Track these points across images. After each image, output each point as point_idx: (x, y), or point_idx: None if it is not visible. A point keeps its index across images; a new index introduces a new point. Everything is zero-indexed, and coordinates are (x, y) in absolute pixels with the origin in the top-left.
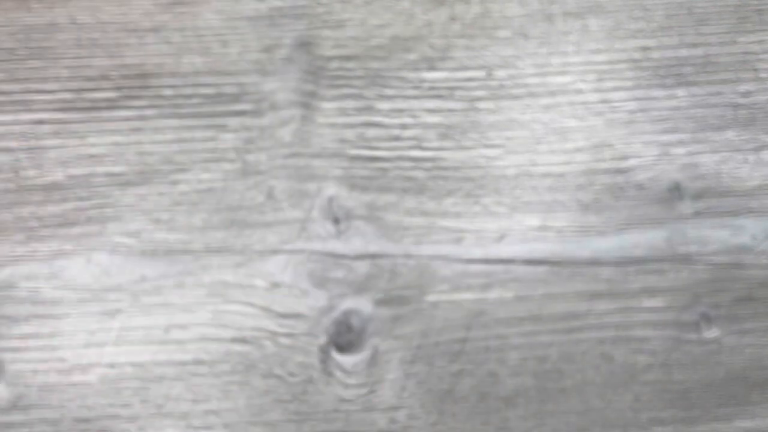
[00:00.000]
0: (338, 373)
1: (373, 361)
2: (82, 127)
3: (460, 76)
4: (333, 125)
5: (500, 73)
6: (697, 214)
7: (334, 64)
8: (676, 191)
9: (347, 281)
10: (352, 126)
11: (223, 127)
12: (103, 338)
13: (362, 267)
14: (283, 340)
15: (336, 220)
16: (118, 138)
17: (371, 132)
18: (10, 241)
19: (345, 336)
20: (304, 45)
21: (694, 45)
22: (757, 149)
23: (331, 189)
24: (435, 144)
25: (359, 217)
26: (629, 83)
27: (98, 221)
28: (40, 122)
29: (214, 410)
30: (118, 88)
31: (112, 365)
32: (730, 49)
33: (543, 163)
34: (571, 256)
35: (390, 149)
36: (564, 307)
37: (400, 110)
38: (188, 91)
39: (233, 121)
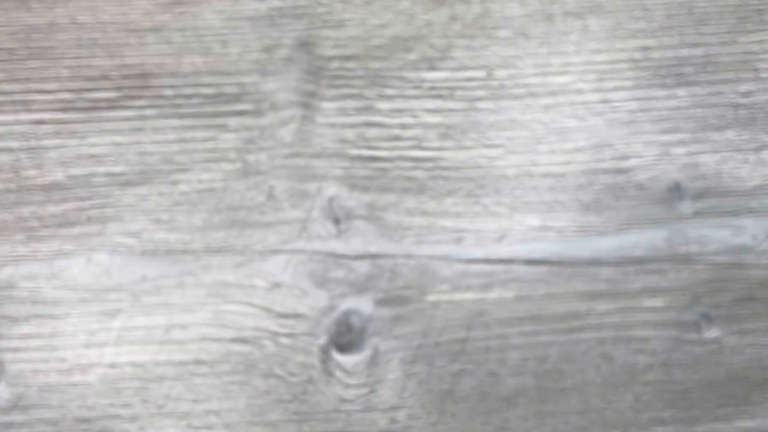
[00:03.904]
0: (339, 373)
1: (374, 361)
2: (83, 127)
3: (460, 76)
4: (333, 125)
5: (500, 73)
6: (698, 214)
7: (335, 64)
8: (676, 191)
9: (348, 281)
10: (352, 126)
11: (223, 127)
12: (104, 338)
13: (363, 267)
14: (284, 340)
15: (336, 220)
16: (119, 138)
17: (371, 132)
18: (11, 241)
19: (345, 336)
20: (305, 45)
21: (695, 45)
22: (758, 149)
23: (331, 189)
24: (435, 144)
25: (360, 217)
26: (629, 83)
27: (98, 221)
28: (41, 122)
29: (215, 410)
30: (119, 88)
31: (112, 365)
32: (731, 49)
33: (543, 163)
34: (571, 256)
35: (390, 149)
36: (564, 307)
37: (401, 110)
38: (188, 91)
39: (233, 121)
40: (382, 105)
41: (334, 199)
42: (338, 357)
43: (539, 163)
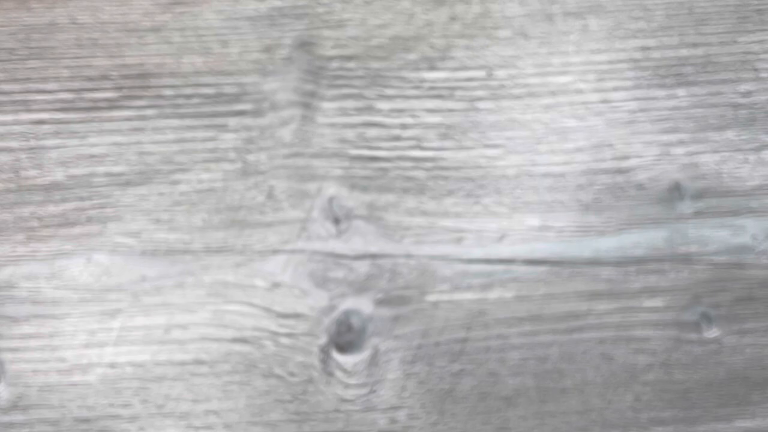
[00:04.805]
0: (338, 373)
1: (374, 361)
2: (83, 127)
3: (460, 76)
4: (333, 125)
5: (500, 73)
6: (698, 214)
7: (335, 64)
8: (676, 191)
9: (348, 281)
10: (352, 126)
11: (223, 127)
12: (104, 338)
13: (362, 267)
14: (284, 340)
15: (336, 220)
16: (119, 138)
17: (371, 132)
18: (11, 241)
19: (345, 336)
20: (305, 45)
21: (695, 45)
22: (758, 149)
23: (331, 189)
24: (435, 144)
25: (359, 217)
26: (629, 83)
27: (98, 221)
28: (41, 122)
29: (215, 410)
30: (119, 88)
31: (112, 365)
32: (731, 49)
33: (543, 163)
34: (571, 256)
35: (390, 149)
36: (564, 307)
37: (401, 110)
38: (188, 91)
39: (233, 121)
40: (382, 105)
41: (334, 199)
42: (338, 357)
43: (539, 163)
